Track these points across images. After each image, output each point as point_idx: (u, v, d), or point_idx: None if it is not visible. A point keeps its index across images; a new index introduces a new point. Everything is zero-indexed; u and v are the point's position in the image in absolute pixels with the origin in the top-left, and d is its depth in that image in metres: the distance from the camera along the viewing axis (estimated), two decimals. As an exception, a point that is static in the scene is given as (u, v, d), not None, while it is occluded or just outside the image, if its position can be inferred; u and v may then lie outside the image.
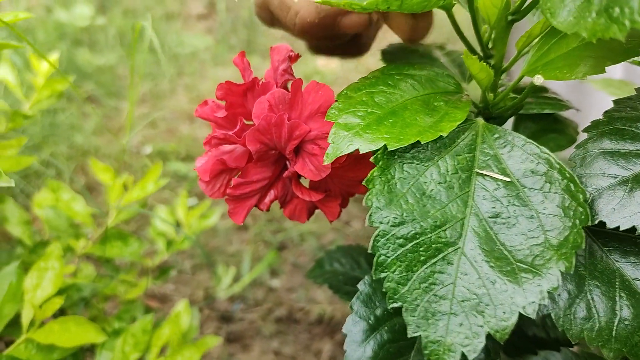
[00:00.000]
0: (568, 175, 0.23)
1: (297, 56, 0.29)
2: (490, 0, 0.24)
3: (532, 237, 0.22)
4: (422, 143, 0.24)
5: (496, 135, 0.25)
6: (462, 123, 0.25)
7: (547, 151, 0.24)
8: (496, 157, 0.24)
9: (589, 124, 0.26)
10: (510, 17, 0.25)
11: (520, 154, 0.24)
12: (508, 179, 0.23)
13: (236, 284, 0.88)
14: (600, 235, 0.24)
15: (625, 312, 0.22)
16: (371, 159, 0.24)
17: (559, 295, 0.23)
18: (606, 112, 0.26)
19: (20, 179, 0.95)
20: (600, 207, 0.23)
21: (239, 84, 0.28)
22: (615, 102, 0.26)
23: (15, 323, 0.44)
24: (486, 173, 0.23)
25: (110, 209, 0.53)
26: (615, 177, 0.23)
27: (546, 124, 0.31)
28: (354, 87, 0.26)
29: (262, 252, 0.95)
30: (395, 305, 0.21)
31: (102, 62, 1.50)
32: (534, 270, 0.21)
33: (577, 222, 0.22)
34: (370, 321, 0.31)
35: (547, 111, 0.30)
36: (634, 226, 0.22)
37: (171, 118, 1.31)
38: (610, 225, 0.22)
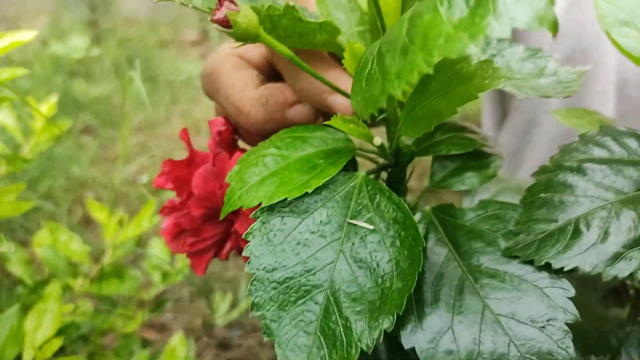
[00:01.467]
0: (414, 224, 0.26)
1: (228, 130, 0.34)
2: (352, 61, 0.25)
3: (385, 280, 0.25)
4: (299, 197, 0.26)
5: (369, 187, 0.27)
6: (344, 176, 0.28)
7: (402, 201, 0.26)
8: (367, 207, 0.27)
9: (538, 169, 0.28)
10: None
11: (385, 203, 0.27)
12: (372, 227, 0.26)
13: (233, 310, 0.90)
14: (475, 272, 0.26)
15: (485, 346, 0.24)
16: (251, 216, 0.27)
17: (424, 330, 0.25)
18: (552, 158, 0.28)
19: (18, 215, 0.97)
20: (545, 249, 0.25)
21: (180, 160, 0.32)
22: (562, 148, 0.28)
23: (15, 364, 0.45)
24: (355, 222, 0.26)
25: (105, 247, 0.55)
26: (557, 222, 0.25)
27: (464, 162, 0.32)
28: (252, 150, 0.29)
29: (258, 277, 0.97)
30: (269, 339, 0.24)
31: (98, 92, 1.53)
32: (379, 310, 0.24)
33: (416, 267, 0.24)
34: None
35: (454, 152, 0.31)
36: (576, 266, 0.24)
37: (167, 146, 1.34)
38: (555, 266, 0.24)
